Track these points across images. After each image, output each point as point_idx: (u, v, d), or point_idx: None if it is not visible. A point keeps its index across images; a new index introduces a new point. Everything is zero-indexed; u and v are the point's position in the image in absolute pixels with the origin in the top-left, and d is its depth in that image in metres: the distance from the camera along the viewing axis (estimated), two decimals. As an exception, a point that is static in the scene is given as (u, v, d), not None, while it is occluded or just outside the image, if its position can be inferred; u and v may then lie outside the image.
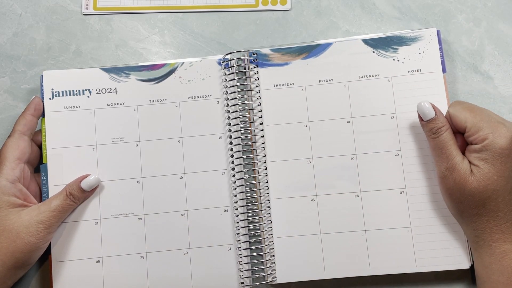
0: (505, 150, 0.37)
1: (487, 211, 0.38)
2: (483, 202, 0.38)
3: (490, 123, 0.38)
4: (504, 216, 0.38)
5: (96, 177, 0.43)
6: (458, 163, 0.39)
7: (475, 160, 0.38)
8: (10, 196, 0.40)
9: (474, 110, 0.39)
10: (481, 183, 0.38)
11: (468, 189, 0.38)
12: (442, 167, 0.40)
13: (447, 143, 0.39)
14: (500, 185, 0.38)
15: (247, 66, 0.45)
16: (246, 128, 0.44)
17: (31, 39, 0.49)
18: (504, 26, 0.48)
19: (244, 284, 0.42)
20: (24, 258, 0.39)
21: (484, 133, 0.38)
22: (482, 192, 0.38)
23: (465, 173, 0.38)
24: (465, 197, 0.38)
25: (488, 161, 0.38)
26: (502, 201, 0.38)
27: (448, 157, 0.39)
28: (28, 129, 0.43)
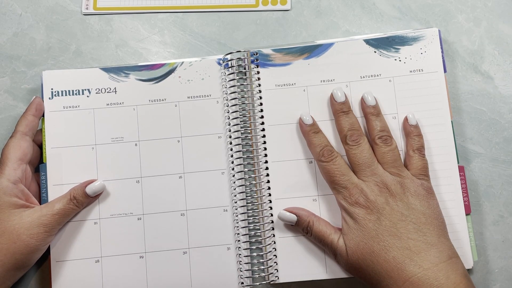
0: (359, 212, 0.37)
1: (381, 277, 0.36)
2: (371, 269, 0.36)
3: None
4: (397, 276, 0.35)
5: (102, 183, 0.43)
6: (336, 246, 0.39)
7: (343, 225, 0.39)
8: (12, 197, 0.40)
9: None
10: (356, 252, 0.37)
11: (353, 263, 0.37)
12: (330, 254, 0.40)
13: (319, 236, 0.40)
14: (373, 247, 0.36)
15: (247, 66, 0.45)
16: (246, 128, 0.44)
17: (31, 39, 0.49)
18: (504, 26, 0.48)
19: (243, 284, 0.42)
20: (23, 259, 0.39)
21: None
22: (362, 260, 0.37)
23: (344, 250, 0.38)
24: (358, 272, 0.38)
25: (350, 227, 0.38)
26: (385, 261, 0.36)
27: (327, 245, 0.39)
28: (30, 130, 0.43)
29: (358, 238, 0.37)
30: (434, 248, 0.36)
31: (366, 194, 0.38)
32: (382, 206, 0.37)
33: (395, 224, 0.37)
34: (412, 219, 0.37)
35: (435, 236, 0.37)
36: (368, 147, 0.40)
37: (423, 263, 0.35)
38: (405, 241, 0.36)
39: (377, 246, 0.36)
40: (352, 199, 0.38)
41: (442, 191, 0.42)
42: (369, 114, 0.42)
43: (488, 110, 0.46)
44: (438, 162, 0.43)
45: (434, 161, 0.43)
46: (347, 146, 0.40)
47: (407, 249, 0.36)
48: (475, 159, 0.45)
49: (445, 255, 0.36)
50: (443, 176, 0.42)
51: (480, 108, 0.46)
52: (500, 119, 0.46)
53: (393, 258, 0.36)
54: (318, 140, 0.41)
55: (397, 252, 0.36)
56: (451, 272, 0.35)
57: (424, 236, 0.36)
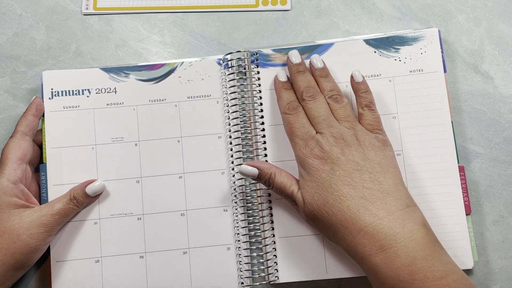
0: (312, 163, 0.37)
1: (337, 227, 0.36)
2: (327, 220, 0.36)
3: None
4: (352, 226, 0.35)
5: (102, 183, 0.43)
6: (295, 196, 0.39)
7: (299, 178, 0.39)
8: (12, 197, 0.40)
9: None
10: (311, 203, 0.37)
11: (309, 214, 0.37)
12: (291, 205, 0.40)
13: (280, 187, 0.39)
14: (327, 197, 0.36)
15: (247, 66, 0.45)
16: (246, 128, 0.44)
17: (31, 39, 0.49)
18: (504, 26, 0.48)
19: (243, 284, 0.42)
20: (23, 259, 0.39)
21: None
22: (318, 211, 0.36)
23: (302, 201, 0.38)
24: (315, 223, 0.38)
25: (304, 178, 0.38)
26: (339, 211, 0.35)
27: (288, 197, 0.39)
28: (30, 130, 0.43)
29: (313, 189, 0.37)
30: (390, 196, 0.35)
31: (321, 144, 0.38)
32: (337, 156, 0.37)
33: (350, 173, 0.36)
34: (367, 168, 0.36)
35: (392, 185, 0.36)
36: (324, 102, 0.41)
37: (378, 212, 0.35)
38: (360, 190, 0.36)
39: (331, 197, 0.36)
40: (307, 150, 0.38)
41: (442, 191, 0.42)
42: (318, 76, 0.42)
43: (488, 110, 0.46)
44: (438, 162, 0.43)
45: (434, 161, 0.43)
46: (303, 102, 0.41)
47: (362, 199, 0.35)
48: (475, 159, 0.45)
49: (402, 203, 0.35)
50: (443, 176, 0.42)
51: (480, 108, 0.46)
52: (500, 119, 0.46)
53: (347, 207, 0.35)
54: (287, 95, 0.42)
55: (351, 201, 0.35)
56: (407, 221, 0.34)
57: (380, 185, 0.36)
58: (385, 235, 0.34)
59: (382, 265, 0.33)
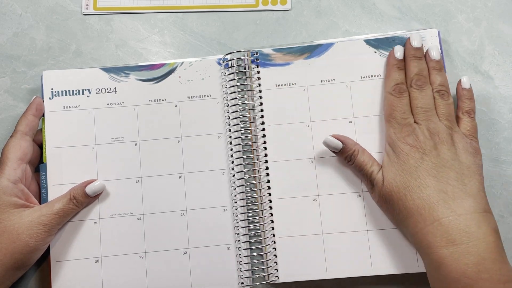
0: (403, 148, 0.38)
1: (411, 212, 0.37)
2: (402, 203, 0.37)
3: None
4: (428, 214, 0.36)
5: (102, 183, 0.43)
6: (375, 176, 0.39)
7: (384, 158, 0.40)
8: (12, 196, 0.40)
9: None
10: (391, 184, 0.38)
11: (386, 194, 0.38)
12: (366, 185, 0.41)
13: (361, 165, 0.40)
14: (409, 181, 0.37)
15: (247, 66, 0.45)
16: (246, 128, 0.44)
17: (31, 39, 0.49)
18: (504, 26, 0.48)
19: (243, 284, 0.42)
20: (23, 259, 0.39)
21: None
22: (396, 192, 0.37)
23: (381, 182, 0.39)
24: (389, 204, 0.38)
25: (391, 160, 0.39)
26: (419, 197, 0.36)
27: (366, 176, 0.40)
28: (30, 129, 0.43)
29: (397, 171, 0.38)
30: (471, 198, 0.36)
31: (417, 134, 0.38)
32: (430, 149, 0.38)
33: (437, 167, 0.37)
34: (455, 168, 0.37)
35: (475, 189, 0.37)
36: (430, 94, 0.40)
37: (457, 208, 0.35)
38: (443, 184, 0.36)
39: (413, 182, 0.37)
40: (401, 135, 0.39)
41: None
42: (432, 68, 0.42)
43: (488, 110, 0.46)
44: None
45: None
46: (411, 88, 0.41)
47: (444, 192, 0.36)
48: (475, 159, 0.45)
49: (481, 207, 0.36)
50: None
51: (480, 108, 0.46)
52: (500, 119, 0.46)
53: (427, 196, 0.36)
54: (398, 76, 0.42)
55: (433, 191, 0.36)
56: (483, 223, 0.35)
57: (464, 186, 0.36)
58: (460, 230, 0.34)
59: (450, 258, 0.34)
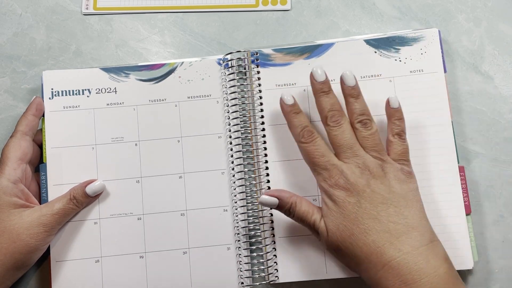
0: (338, 195, 0.37)
1: (361, 259, 0.36)
2: (350, 252, 0.36)
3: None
4: (377, 260, 0.35)
5: (102, 183, 0.43)
6: (318, 226, 0.38)
7: (322, 206, 0.38)
8: (12, 196, 0.40)
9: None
10: (335, 233, 0.37)
11: (332, 244, 0.37)
12: (313, 234, 0.40)
13: (301, 217, 0.39)
14: (352, 229, 0.36)
15: (247, 66, 0.45)
16: (246, 128, 0.44)
17: (31, 39, 0.49)
18: (504, 26, 0.48)
19: (243, 284, 0.42)
20: (23, 259, 0.39)
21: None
22: (342, 242, 0.36)
23: (325, 231, 0.38)
24: (338, 253, 0.37)
25: (329, 209, 0.37)
26: (364, 244, 0.35)
27: (309, 226, 0.39)
28: (30, 129, 0.43)
29: (337, 220, 0.37)
30: (415, 231, 0.35)
31: (346, 175, 0.37)
32: (363, 188, 0.36)
33: (376, 206, 0.36)
34: (393, 202, 0.36)
35: (417, 219, 0.36)
36: (349, 128, 0.39)
37: (403, 247, 0.35)
38: (385, 224, 0.35)
39: (356, 229, 0.36)
40: (332, 181, 0.37)
41: (442, 191, 0.42)
42: (348, 96, 0.40)
43: (488, 110, 0.46)
44: (438, 162, 0.43)
45: (434, 161, 0.43)
46: (328, 127, 0.39)
47: (387, 233, 0.35)
48: (475, 159, 0.45)
49: (426, 238, 0.35)
50: (443, 176, 0.42)
51: (480, 108, 0.46)
52: (500, 119, 0.46)
53: (372, 241, 0.35)
54: (298, 121, 0.40)
55: (377, 235, 0.35)
56: (431, 256, 0.35)
57: (405, 219, 0.36)
58: (410, 270, 0.34)
59: None
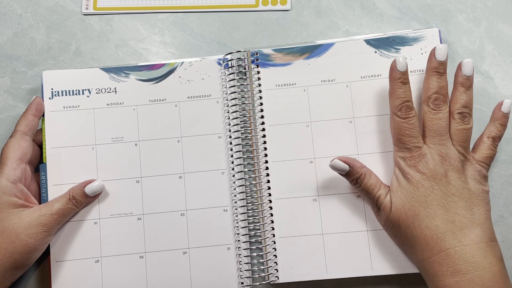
0: (414, 175, 0.38)
1: (418, 241, 0.37)
2: (410, 231, 0.37)
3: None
4: (435, 244, 0.36)
5: (101, 183, 0.43)
6: (382, 201, 0.39)
7: (392, 181, 0.39)
8: (11, 196, 0.40)
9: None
10: (400, 210, 0.37)
11: (393, 221, 0.38)
12: (373, 208, 0.41)
13: (368, 189, 0.40)
14: (418, 210, 0.37)
15: (247, 66, 0.45)
16: (246, 128, 0.44)
17: (31, 39, 0.49)
18: (504, 26, 0.48)
19: (243, 284, 0.42)
20: (22, 259, 0.39)
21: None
22: (404, 220, 0.37)
23: (388, 206, 0.38)
24: (396, 230, 0.38)
25: (401, 186, 0.38)
26: (427, 227, 0.36)
27: (373, 200, 0.40)
28: (30, 129, 0.43)
29: (406, 198, 0.37)
30: (478, 227, 0.36)
31: (427, 161, 0.37)
32: (440, 177, 0.37)
33: (447, 196, 0.37)
34: (465, 196, 0.37)
35: (483, 218, 0.37)
36: (446, 117, 0.39)
37: (463, 239, 0.36)
38: (452, 214, 0.36)
39: (423, 211, 0.37)
40: (411, 162, 0.38)
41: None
42: (460, 84, 0.40)
43: (488, 110, 0.46)
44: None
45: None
46: (427, 107, 0.39)
47: (451, 222, 0.36)
48: (475, 159, 0.45)
49: (487, 237, 0.36)
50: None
51: (480, 108, 0.46)
52: (500, 119, 0.46)
53: (435, 226, 0.36)
54: (403, 92, 0.39)
55: (441, 222, 0.36)
56: (489, 253, 0.35)
57: (472, 215, 0.37)
58: (465, 261, 0.35)
59: (454, 287, 0.34)
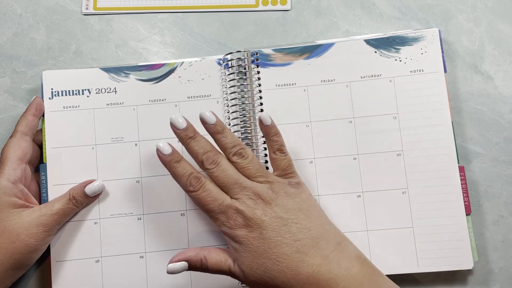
0: (240, 234, 0.36)
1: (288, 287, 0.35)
2: (271, 285, 0.36)
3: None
4: (296, 282, 0.35)
5: (101, 183, 0.43)
6: (235, 271, 0.37)
7: (232, 253, 0.38)
8: (11, 196, 0.40)
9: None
10: (251, 274, 0.36)
11: (254, 285, 0.37)
12: (235, 279, 0.38)
13: (216, 268, 0.38)
14: (266, 263, 0.35)
15: (247, 66, 0.45)
16: (246, 128, 0.44)
17: (31, 39, 0.49)
18: (504, 26, 0.48)
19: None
20: (23, 259, 0.39)
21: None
22: (260, 279, 0.36)
23: (241, 275, 0.37)
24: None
25: (238, 251, 0.37)
26: (279, 273, 0.35)
27: (226, 274, 0.38)
28: (30, 129, 0.43)
29: (248, 259, 0.36)
30: (320, 240, 0.36)
31: (242, 212, 0.36)
32: (261, 218, 0.36)
33: (279, 232, 0.36)
34: (292, 220, 0.36)
35: (319, 228, 0.36)
36: (228, 164, 0.38)
37: (314, 261, 0.35)
38: (292, 245, 0.35)
39: (268, 262, 0.35)
40: (231, 223, 0.37)
41: (442, 191, 0.42)
42: (214, 133, 0.39)
43: (488, 110, 0.46)
44: (438, 162, 0.43)
45: (434, 161, 0.43)
46: (207, 170, 0.38)
47: (297, 253, 0.35)
48: (475, 159, 0.45)
49: (333, 243, 0.36)
50: (443, 176, 0.42)
51: (480, 108, 0.46)
52: (500, 119, 0.46)
53: (286, 267, 0.35)
54: (182, 169, 0.38)
55: (288, 259, 0.35)
56: (342, 259, 0.35)
57: (309, 232, 0.36)
58: (326, 280, 0.34)
59: None
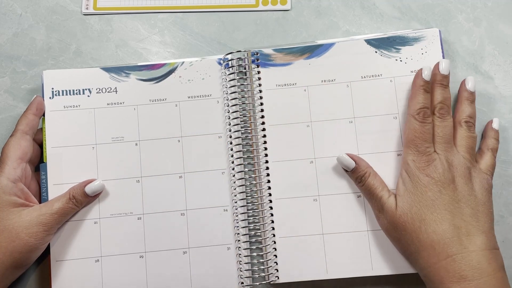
0: (422, 179, 0.38)
1: (423, 246, 0.37)
2: (416, 236, 0.37)
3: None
4: (441, 250, 0.36)
5: (101, 183, 0.43)
6: (385, 201, 0.39)
7: (399, 184, 0.39)
8: (11, 195, 0.40)
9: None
10: (406, 214, 0.38)
11: (398, 224, 0.38)
12: (374, 209, 0.41)
13: (371, 188, 0.40)
14: (425, 215, 0.37)
15: (247, 66, 0.45)
16: (247, 128, 0.44)
17: (31, 39, 0.49)
18: (504, 26, 0.48)
19: (243, 284, 0.42)
20: (22, 258, 0.39)
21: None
22: (410, 224, 0.37)
23: (392, 209, 0.39)
24: (399, 233, 0.38)
25: (407, 189, 0.38)
26: (434, 232, 0.37)
27: (375, 199, 0.40)
28: (30, 129, 0.43)
29: (413, 202, 0.38)
30: (483, 235, 0.37)
31: (436, 165, 0.38)
32: (448, 182, 0.38)
33: (454, 202, 0.37)
34: (471, 204, 0.37)
35: (488, 227, 0.37)
36: (451, 125, 0.40)
37: (469, 245, 0.36)
38: (458, 220, 0.37)
39: (430, 216, 0.37)
40: (420, 164, 0.38)
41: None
42: (465, 98, 0.42)
43: (488, 110, 0.46)
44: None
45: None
46: (433, 116, 0.40)
47: (458, 228, 0.36)
48: (475, 159, 0.45)
49: (491, 245, 0.37)
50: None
51: (480, 108, 0.46)
52: (500, 119, 0.46)
53: (443, 231, 0.36)
54: (423, 99, 0.40)
55: (448, 227, 0.36)
56: (493, 260, 0.36)
57: (477, 222, 0.37)
58: (472, 267, 0.35)
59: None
